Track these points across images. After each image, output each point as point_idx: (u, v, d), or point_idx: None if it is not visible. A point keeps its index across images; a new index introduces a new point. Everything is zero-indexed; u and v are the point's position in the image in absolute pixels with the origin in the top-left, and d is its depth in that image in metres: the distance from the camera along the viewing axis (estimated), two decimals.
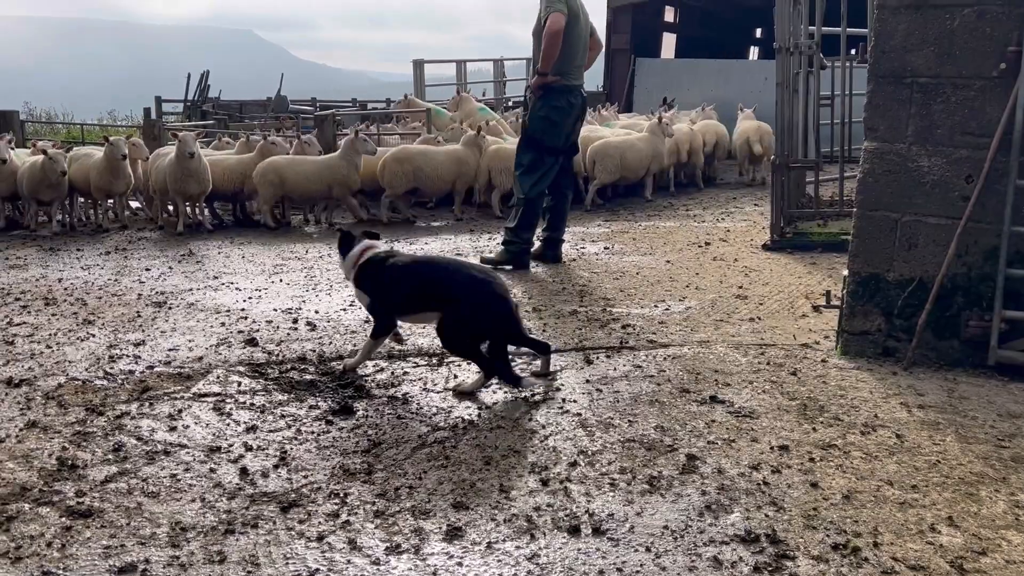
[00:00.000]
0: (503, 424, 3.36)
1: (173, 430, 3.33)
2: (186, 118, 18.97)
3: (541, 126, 6.12)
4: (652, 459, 3.00)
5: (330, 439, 3.26)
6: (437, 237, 8.06)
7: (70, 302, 5.47)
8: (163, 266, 6.81)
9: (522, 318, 3.98)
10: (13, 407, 3.56)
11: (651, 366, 3.96)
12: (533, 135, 6.17)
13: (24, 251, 7.60)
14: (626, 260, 6.54)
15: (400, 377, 3.93)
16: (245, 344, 4.44)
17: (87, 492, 2.82)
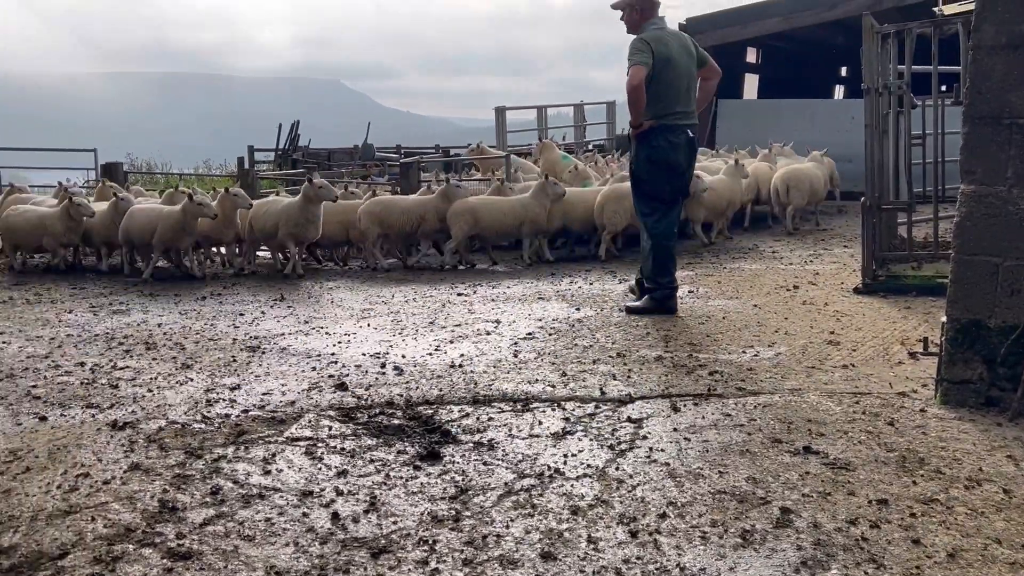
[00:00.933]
0: (589, 473, 3.34)
1: (268, 474, 3.42)
2: (277, 167, 19.67)
3: (645, 169, 6.13)
4: (744, 512, 2.94)
5: (418, 485, 3.29)
6: (519, 281, 8.12)
7: (169, 346, 5.70)
8: (256, 311, 7.03)
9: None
10: (118, 449, 3.70)
11: (741, 415, 3.89)
12: (639, 180, 6.19)
13: (126, 296, 7.95)
14: (711, 304, 6.46)
15: (485, 423, 3.95)
16: (335, 388, 4.53)
17: (187, 534, 2.91)
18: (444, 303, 7.07)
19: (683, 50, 6.05)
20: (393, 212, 9.32)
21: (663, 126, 5.99)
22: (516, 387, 4.45)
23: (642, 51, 5.91)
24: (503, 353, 5.17)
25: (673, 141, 6.00)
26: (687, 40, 6.14)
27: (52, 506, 3.14)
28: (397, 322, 6.30)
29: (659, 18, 6.14)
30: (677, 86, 6.00)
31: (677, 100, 6.00)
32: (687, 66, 6.05)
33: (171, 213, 8.85)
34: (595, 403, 4.17)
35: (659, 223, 6.11)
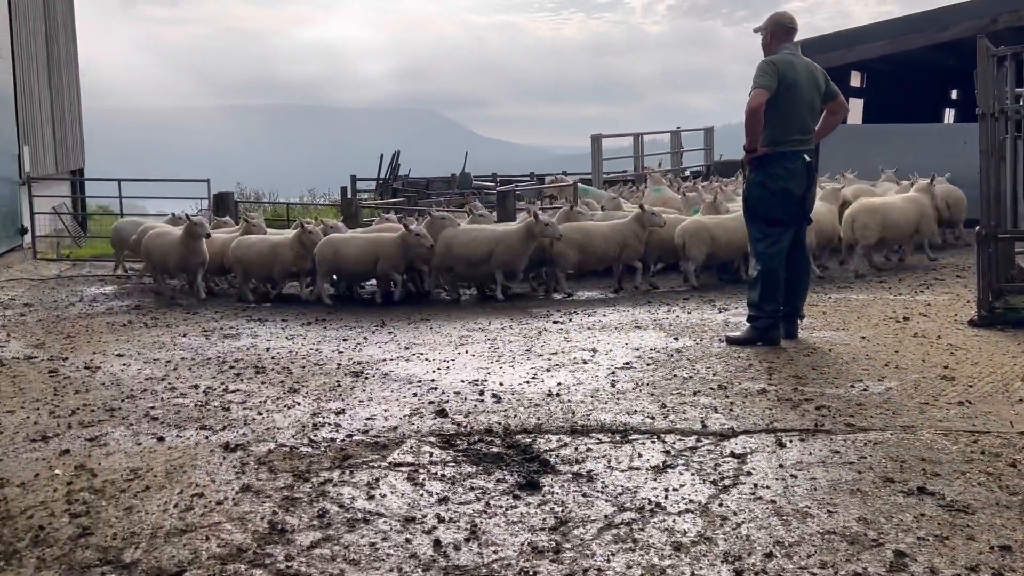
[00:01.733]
0: (692, 508, 3.29)
1: (372, 498, 3.49)
2: (378, 195, 20.18)
3: (757, 194, 6.07)
4: (855, 554, 2.83)
5: (518, 514, 3.30)
6: (615, 308, 8.08)
7: (277, 371, 5.89)
8: (359, 336, 7.21)
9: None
10: (230, 471, 3.85)
11: (850, 452, 3.76)
12: (752, 206, 6.13)
13: (236, 321, 8.27)
14: (816, 335, 6.28)
15: (584, 453, 3.94)
16: (435, 415, 4.60)
17: (295, 556, 2.99)
18: (540, 331, 7.09)
19: (810, 79, 6.00)
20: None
21: (779, 153, 5.94)
22: (614, 418, 4.43)
23: (768, 73, 5.87)
24: (600, 383, 5.15)
25: (789, 168, 5.93)
26: (818, 71, 6.07)
27: (170, 524, 3.28)
28: (494, 349, 6.36)
29: (793, 44, 6.10)
30: (798, 113, 5.94)
31: (796, 127, 5.95)
32: (811, 95, 6.00)
33: (391, 242, 9.19)
34: (696, 436, 4.10)
35: (769, 249, 6.01)
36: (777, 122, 5.92)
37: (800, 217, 6.13)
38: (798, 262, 6.19)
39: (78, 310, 9.05)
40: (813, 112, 6.05)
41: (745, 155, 6.13)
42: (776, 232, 6.01)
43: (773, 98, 5.86)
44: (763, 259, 6.04)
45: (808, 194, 6.11)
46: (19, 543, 3.16)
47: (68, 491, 3.64)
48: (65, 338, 7.39)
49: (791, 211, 6.01)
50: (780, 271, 6.04)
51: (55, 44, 15.92)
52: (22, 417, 4.83)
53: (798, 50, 6.12)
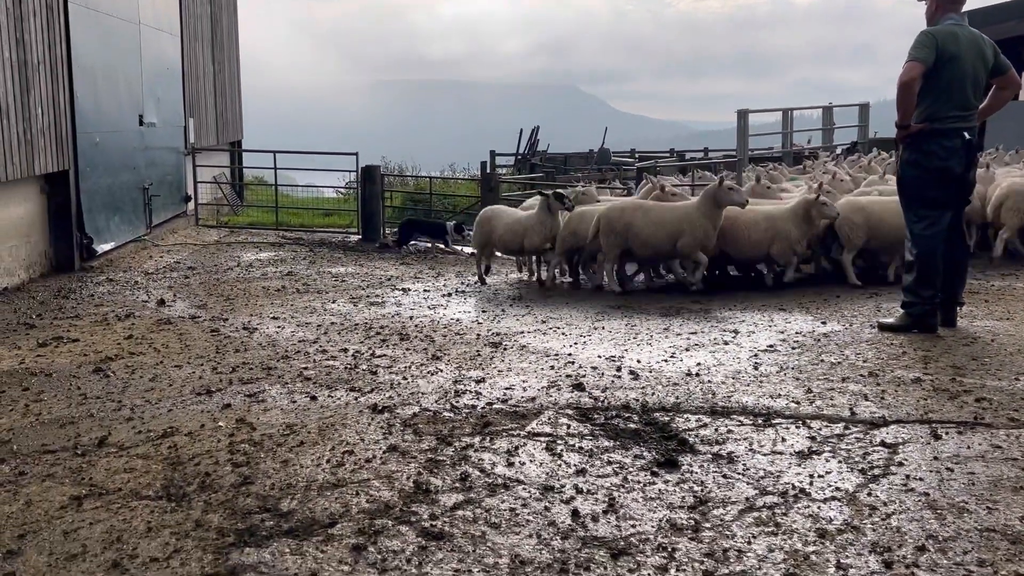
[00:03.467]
0: (838, 496, 3.19)
1: (511, 465, 3.56)
2: (516, 171, 20.36)
3: (912, 174, 5.76)
4: (1018, 553, 2.68)
5: (656, 491, 3.29)
6: (757, 290, 7.86)
7: (420, 338, 6.08)
8: (496, 308, 7.33)
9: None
10: (377, 431, 4.01)
11: (1013, 448, 3.55)
12: (907, 187, 5.82)
13: (381, 290, 8.57)
14: (977, 324, 5.92)
15: (724, 435, 3.88)
16: (573, 388, 4.63)
17: (439, 516, 3.10)
18: (679, 310, 7.01)
19: (975, 51, 5.63)
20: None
21: (935, 130, 5.63)
22: (756, 400, 4.33)
23: (925, 45, 5.57)
24: (742, 364, 5.05)
25: (947, 146, 5.61)
26: (986, 44, 5.68)
27: (322, 478, 3.47)
28: (631, 327, 6.33)
29: (959, 15, 5.75)
30: (959, 87, 5.61)
31: (956, 102, 5.61)
32: (975, 69, 5.64)
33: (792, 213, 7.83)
34: (844, 423, 3.97)
35: (926, 231, 5.69)
36: (935, 97, 5.61)
37: (959, 198, 5.77)
38: (957, 246, 5.85)
39: (236, 275, 9.61)
40: (977, 87, 5.67)
41: (897, 132, 5.80)
42: (934, 214, 5.68)
43: (931, 72, 5.55)
44: (920, 242, 5.72)
45: (968, 174, 5.75)
46: (188, 487, 3.42)
47: (230, 442, 3.90)
48: (225, 300, 7.87)
49: (949, 191, 5.66)
50: (938, 255, 5.70)
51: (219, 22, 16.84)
52: (188, 372, 5.19)
53: (965, 20, 5.77)
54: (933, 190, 5.67)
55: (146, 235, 11.93)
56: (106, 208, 10.58)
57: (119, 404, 4.54)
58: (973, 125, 5.70)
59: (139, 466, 3.65)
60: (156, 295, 8.03)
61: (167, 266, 10.10)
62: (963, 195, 5.80)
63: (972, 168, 5.81)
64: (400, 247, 12.15)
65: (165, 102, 12.93)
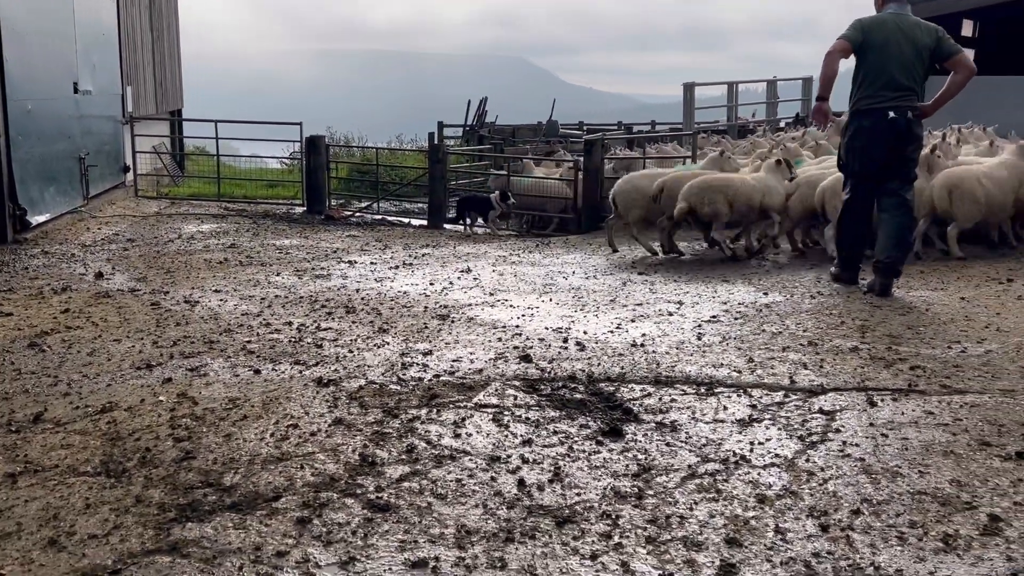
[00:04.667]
0: (777, 462, 3.26)
1: (458, 437, 3.57)
2: (464, 142, 20.24)
3: (844, 150, 6.34)
4: (947, 515, 2.78)
5: (601, 459, 3.33)
6: (701, 262, 7.95)
7: (367, 311, 6.03)
8: (444, 281, 7.30)
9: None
10: (323, 404, 3.98)
11: (945, 414, 3.66)
12: (839, 160, 6.48)
13: (326, 263, 8.47)
14: (913, 295, 6.08)
15: (668, 404, 3.94)
16: (520, 360, 4.65)
17: (384, 488, 3.10)
18: (625, 282, 7.06)
19: (906, 37, 5.97)
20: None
21: (860, 110, 6.10)
22: (699, 370, 4.40)
23: (852, 28, 6.10)
24: (686, 335, 5.12)
25: (866, 125, 6.06)
26: (921, 30, 6.00)
27: (266, 452, 3.43)
28: (578, 299, 6.37)
29: (901, 5, 6.14)
30: (885, 70, 5.99)
31: (884, 85, 5.99)
32: (907, 54, 5.97)
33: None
34: (784, 392, 4.05)
35: (848, 206, 6.34)
36: (863, 81, 6.08)
37: (887, 173, 6.10)
38: (895, 216, 6.09)
39: (177, 247, 9.41)
40: (909, 70, 5.98)
41: (815, 104, 6.35)
42: (855, 187, 6.25)
43: (860, 57, 6.06)
44: (843, 211, 6.43)
45: (902, 149, 6.06)
46: (128, 463, 3.36)
47: (171, 417, 3.84)
48: (165, 273, 7.70)
49: (870, 168, 6.12)
50: (856, 222, 6.31)
51: None
52: (128, 346, 5.08)
53: (905, 9, 6.11)
54: (858, 163, 6.18)
55: (83, 206, 11.59)
56: (40, 178, 10.23)
57: (55, 379, 4.43)
58: (904, 105, 5.98)
59: (76, 442, 3.57)
60: (94, 268, 7.82)
61: (105, 238, 9.84)
62: (893, 170, 6.09)
63: (903, 146, 6.06)
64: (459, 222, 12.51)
65: (101, 69, 12.52)
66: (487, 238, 11.65)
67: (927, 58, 5.99)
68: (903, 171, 6.13)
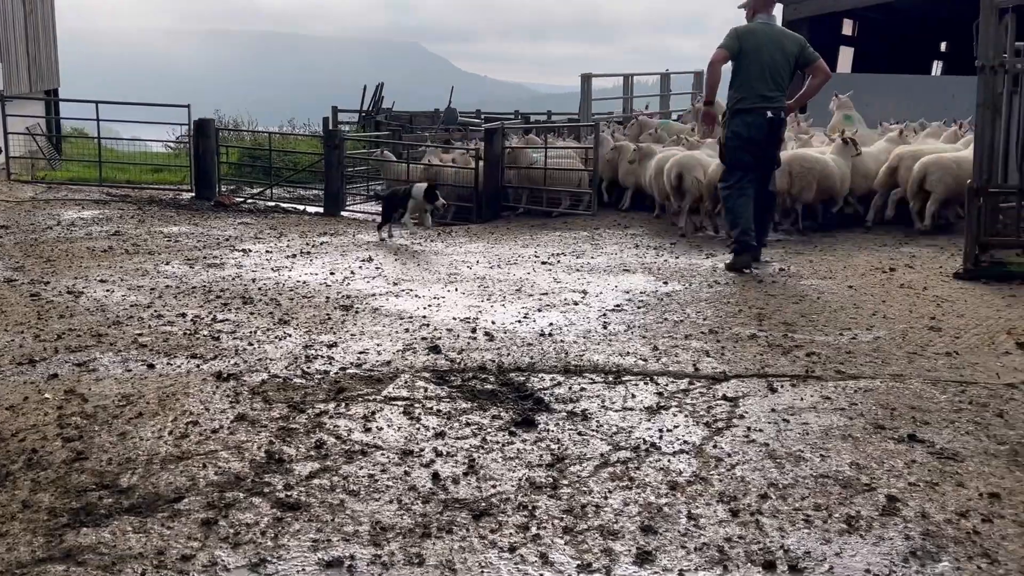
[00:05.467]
0: (686, 449, 3.32)
1: (368, 431, 3.49)
2: (361, 128, 19.87)
3: (727, 144, 7.05)
4: (848, 497, 2.89)
5: (515, 450, 3.32)
6: (602, 252, 8.06)
7: (265, 302, 5.85)
8: (346, 271, 7.15)
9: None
10: (224, 400, 3.83)
11: (841, 398, 3.81)
12: (723, 154, 7.15)
13: (219, 251, 8.18)
14: (804, 283, 6.32)
15: (578, 393, 3.96)
16: (429, 351, 4.59)
17: (294, 486, 3.00)
18: (529, 271, 7.08)
19: (776, 46, 6.79)
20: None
21: (740, 109, 6.85)
22: (607, 359, 4.45)
23: (729, 38, 6.84)
24: (592, 324, 5.17)
25: (750, 122, 6.82)
26: (787, 39, 6.88)
27: (165, 451, 3.27)
28: (484, 289, 6.34)
29: (769, 16, 7.00)
30: (758, 76, 6.75)
31: (758, 88, 6.77)
32: (778, 61, 6.78)
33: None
34: (688, 379, 4.14)
35: (731, 194, 6.99)
36: (740, 84, 6.85)
37: (761, 165, 6.99)
38: (762, 201, 7.09)
39: (56, 234, 8.90)
40: (778, 75, 6.81)
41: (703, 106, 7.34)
42: (738, 175, 6.95)
43: (737, 64, 6.82)
44: (727, 197, 7.06)
45: (771, 146, 7.00)
46: (12, 465, 3.15)
47: (59, 415, 3.62)
48: (45, 262, 7.27)
49: (747, 160, 6.91)
50: (737, 208, 6.95)
51: None
52: (6, 340, 4.77)
53: (773, 20, 7.05)
54: (739, 157, 6.94)
55: None
56: None
57: None
58: (776, 107, 6.85)
59: None
60: None
61: None
62: (766, 162, 7.03)
63: (776, 141, 7.06)
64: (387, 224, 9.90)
65: None
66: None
67: (793, 64, 6.88)
68: (774, 167, 7.13)
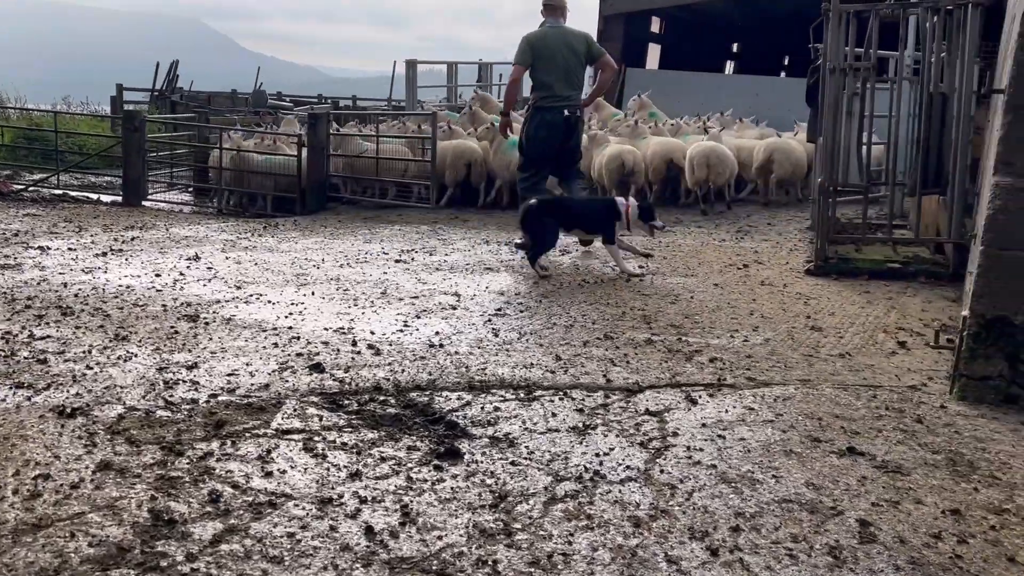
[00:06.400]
0: (633, 476, 3.06)
1: (269, 475, 2.96)
2: (156, 109, 18.26)
3: (524, 139, 7.45)
4: (821, 525, 2.73)
5: (448, 490, 2.92)
6: (455, 249, 7.72)
7: (89, 312, 5.02)
8: (173, 272, 6.36)
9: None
10: (76, 444, 3.14)
11: (764, 409, 3.70)
12: (521, 146, 7.55)
13: (11, 249, 7.07)
14: (670, 282, 6.29)
15: (492, 414, 3.60)
16: (310, 370, 4.06)
17: (198, 555, 2.44)
18: (385, 271, 6.60)
19: (567, 48, 7.19)
20: None
21: (540, 107, 7.24)
22: (512, 372, 4.12)
23: (522, 51, 7.25)
24: (481, 332, 4.81)
25: (548, 119, 7.21)
26: (575, 39, 7.27)
27: (15, 518, 2.60)
28: (344, 291, 5.81)
29: (557, 20, 7.33)
30: (556, 76, 7.15)
31: (555, 88, 7.16)
32: (569, 61, 7.20)
33: None
34: (603, 392, 3.89)
35: (527, 181, 7.36)
36: (539, 85, 7.24)
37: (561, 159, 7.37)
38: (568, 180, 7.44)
39: None
40: (572, 75, 7.24)
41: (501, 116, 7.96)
42: (535, 170, 7.36)
43: (534, 68, 7.20)
44: (523, 191, 7.36)
45: (570, 141, 7.35)
46: None
47: None
48: None
49: (547, 154, 7.31)
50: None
51: None
52: None
53: (560, 22, 7.34)
54: (537, 152, 7.30)
55: None
56: None
57: None
58: (574, 104, 7.25)
59: None
60: None
61: None
62: (565, 157, 7.38)
63: (572, 137, 7.35)
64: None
65: None
66: (202, 218, 10.54)
67: (583, 61, 7.33)
68: (576, 159, 7.55)
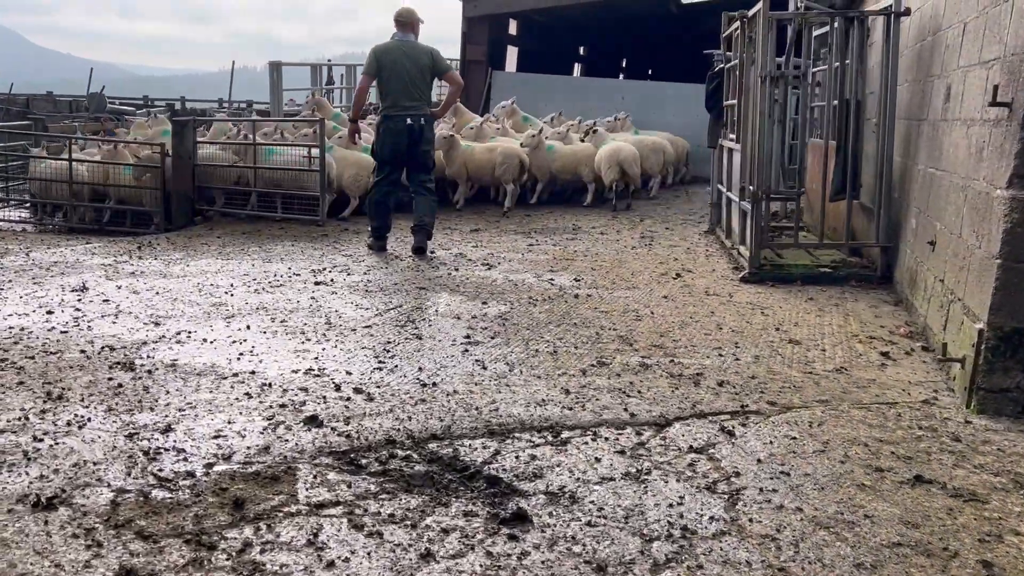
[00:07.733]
0: (724, 528, 2.82)
1: (332, 566, 2.50)
2: None
3: (375, 144, 8.02)
4: (944, 570, 2.60)
5: (540, 564, 2.57)
6: (374, 267, 7.23)
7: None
8: (66, 307, 5.55)
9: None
10: (75, 546, 2.54)
11: (806, 438, 3.57)
12: (373, 151, 8.13)
13: None
14: (618, 296, 6.12)
15: (531, 463, 3.27)
16: (306, 425, 3.55)
17: None
18: (311, 295, 6.05)
19: (411, 61, 7.69)
20: None
21: (386, 115, 7.76)
22: (526, 411, 3.78)
23: (368, 62, 7.81)
24: (467, 365, 4.43)
25: (391, 127, 7.71)
26: (420, 53, 7.75)
27: None
28: (282, 323, 5.25)
29: (406, 35, 7.81)
30: (399, 87, 7.67)
31: (400, 96, 7.68)
32: (414, 73, 7.70)
33: None
34: (631, 428, 3.63)
35: (379, 185, 7.96)
36: (385, 94, 7.78)
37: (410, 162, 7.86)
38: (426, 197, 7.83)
39: None
40: (417, 86, 7.72)
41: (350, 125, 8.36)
42: (385, 172, 7.91)
43: (379, 78, 7.74)
44: (374, 189, 8.05)
45: (417, 147, 7.76)
46: None
47: None
48: None
49: (393, 158, 7.83)
50: (383, 198, 7.95)
51: None
52: None
53: (408, 36, 7.82)
54: (385, 155, 7.83)
55: None
56: None
57: None
58: (415, 113, 7.69)
59: None
60: None
61: None
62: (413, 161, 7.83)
63: (418, 143, 7.74)
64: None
65: None
66: (57, 238, 9.42)
67: (429, 74, 7.80)
68: (425, 164, 7.88)
